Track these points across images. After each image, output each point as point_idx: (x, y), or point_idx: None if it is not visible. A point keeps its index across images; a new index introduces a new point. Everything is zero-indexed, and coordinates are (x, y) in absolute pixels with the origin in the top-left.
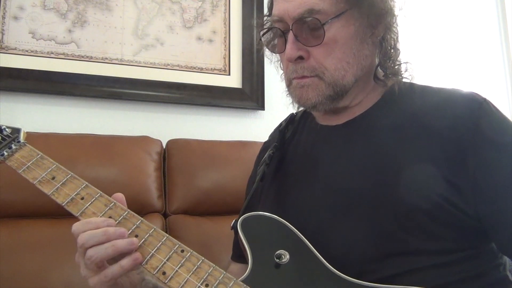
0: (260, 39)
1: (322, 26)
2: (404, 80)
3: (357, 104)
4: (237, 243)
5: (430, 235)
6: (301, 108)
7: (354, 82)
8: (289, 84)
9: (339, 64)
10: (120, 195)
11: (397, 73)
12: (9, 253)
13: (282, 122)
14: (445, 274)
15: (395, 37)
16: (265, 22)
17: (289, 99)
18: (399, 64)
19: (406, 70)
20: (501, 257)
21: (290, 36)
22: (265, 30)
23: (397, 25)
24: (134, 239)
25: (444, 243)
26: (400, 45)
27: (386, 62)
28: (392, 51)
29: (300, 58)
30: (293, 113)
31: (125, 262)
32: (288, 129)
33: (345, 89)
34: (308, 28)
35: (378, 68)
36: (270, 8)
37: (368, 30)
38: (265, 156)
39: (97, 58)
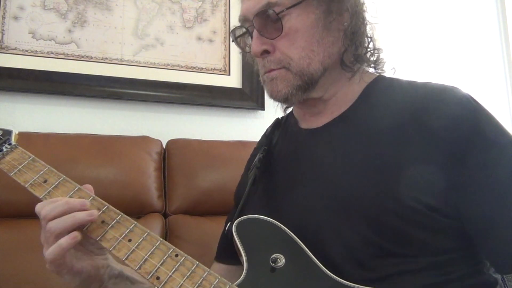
0: (233, 41)
1: (279, 17)
2: (376, 71)
3: (333, 98)
4: (223, 244)
5: (419, 241)
6: (287, 111)
7: (323, 70)
8: (263, 82)
9: (303, 53)
10: (89, 186)
11: (365, 60)
12: (9, 253)
13: (269, 128)
14: (433, 275)
15: (362, 23)
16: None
17: None
18: (369, 52)
19: (378, 59)
20: None
21: (254, 32)
22: (234, 33)
23: (366, 12)
24: (94, 210)
25: (433, 248)
26: (376, 34)
27: (351, 47)
28: (359, 37)
29: (266, 52)
30: (278, 118)
31: (63, 240)
32: (274, 134)
33: (314, 78)
34: (268, 21)
35: (345, 54)
36: None
37: (330, 17)
38: (256, 159)
39: (97, 58)
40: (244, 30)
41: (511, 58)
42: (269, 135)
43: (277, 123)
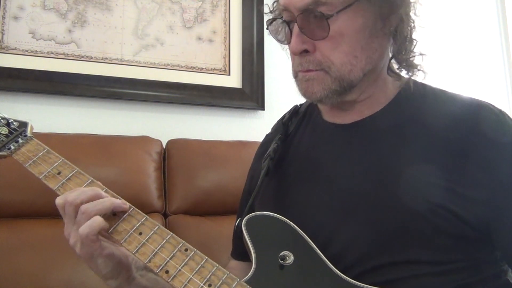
0: (267, 28)
1: (327, 20)
2: (416, 76)
3: (367, 99)
4: (238, 240)
5: (428, 243)
6: (306, 101)
7: (362, 76)
8: (295, 76)
9: (345, 58)
10: (98, 182)
11: (412, 66)
12: (9, 253)
13: (285, 114)
14: (444, 282)
15: (410, 27)
16: (273, 10)
17: (289, 98)
18: (414, 56)
19: (419, 65)
20: (504, 264)
21: (295, 28)
22: (270, 20)
23: (413, 13)
24: (127, 202)
25: (443, 253)
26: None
27: (400, 54)
28: (406, 42)
29: (305, 51)
30: (297, 105)
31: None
32: (291, 122)
33: (352, 84)
34: (313, 20)
35: (392, 60)
36: None
37: (378, 21)
38: (270, 149)
39: (97, 58)
40: (280, 19)
41: (511, 58)
42: (286, 122)
43: (295, 110)
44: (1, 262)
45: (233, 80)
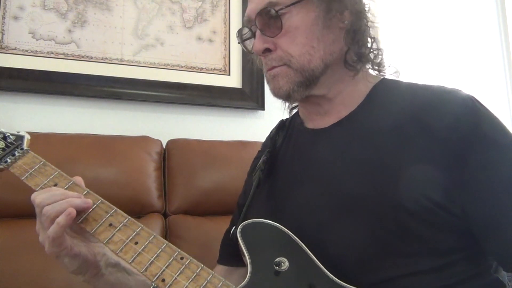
0: (239, 42)
1: (279, 15)
2: (382, 71)
3: (338, 97)
4: (225, 246)
5: (424, 239)
6: (292, 112)
7: (324, 67)
8: (266, 80)
9: (303, 49)
10: (79, 178)
11: (368, 60)
12: (9, 253)
13: (273, 129)
14: (440, 277)
15: (365, 23)
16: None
17: None
18: (371, 52)
19: (379, 60)
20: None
21: (257, 31)
22: (240, 34)
23: (370, 13)
24: (89, 200)
25: (438, 247)
26: (380, 35)
27: (354, 46)
28: (361, 36)
29: (268, 50)
30: (283, 119)
31: (60, 218)
32: (279, 136)
33: (315, 74)
34: (269, 20)
35: (348, 53)
36: None
37: (331, 15)
38: (260, 162)
39: (97, 58)
40: (248, 31)
41: (511, 58)
42: (273, 137)
43: (281, 124)
44: (1, 262)
45: (233, 80)
